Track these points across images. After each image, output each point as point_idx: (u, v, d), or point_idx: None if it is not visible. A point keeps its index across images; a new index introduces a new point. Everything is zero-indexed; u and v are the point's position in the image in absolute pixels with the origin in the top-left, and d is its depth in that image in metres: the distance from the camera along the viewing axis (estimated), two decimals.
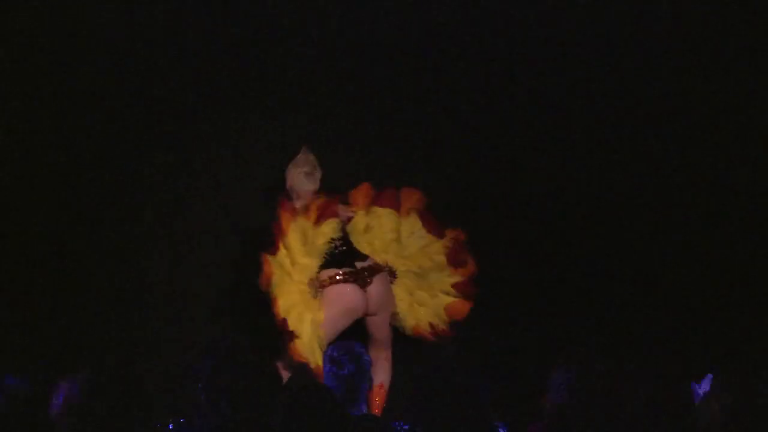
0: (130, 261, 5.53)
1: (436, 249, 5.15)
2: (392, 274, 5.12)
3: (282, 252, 4.93)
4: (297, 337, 4.75)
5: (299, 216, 5.00)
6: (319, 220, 4.97)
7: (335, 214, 5.03)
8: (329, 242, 4.95)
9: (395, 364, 5.13)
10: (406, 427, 3.96)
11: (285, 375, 4.76)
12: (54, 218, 5.43)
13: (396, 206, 5.20)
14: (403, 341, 5.17)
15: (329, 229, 4.97)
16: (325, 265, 4.94)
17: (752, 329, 5.52)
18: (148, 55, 5.59)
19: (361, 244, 5.10)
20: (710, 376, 4.89)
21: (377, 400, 4.93)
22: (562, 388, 3.45)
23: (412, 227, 5.21)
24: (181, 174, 5.65)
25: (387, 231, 5.16)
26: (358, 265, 4.97)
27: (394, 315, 5.07)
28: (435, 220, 5.19)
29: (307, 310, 4.86)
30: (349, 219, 5.13)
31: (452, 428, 3.25)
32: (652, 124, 5.81)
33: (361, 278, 4.93)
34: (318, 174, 5.19)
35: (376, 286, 4.96)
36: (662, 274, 5.72)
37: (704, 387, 4.75)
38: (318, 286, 4.93)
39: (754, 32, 5.72)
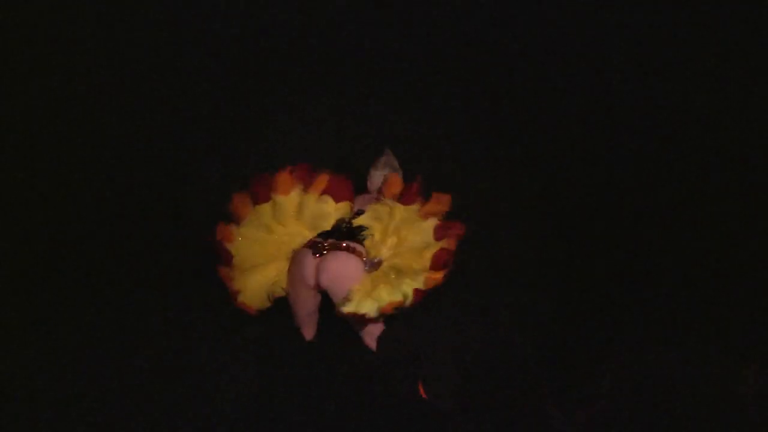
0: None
1: (432, 250, 5.05)
2: (377, 264, 5.01)
3: (267, 206, 4.98)
4: (228, 262, 4.87)
5: (305, 186, 5.03)
6: (323, 194, 5.00)
7: (348, 198, 5.05)
8: (332, 220, 4.98)
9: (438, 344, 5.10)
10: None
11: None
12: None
13: (415, 202, 5.13)
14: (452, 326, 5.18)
15: (333, 209, 5.00)
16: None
17: None
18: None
19: (373, 232, 5.07)
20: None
21: None
22: (615, 374, 3.45)
23: (424, 231, 5.10)
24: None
25: (389, 225, 5.10)
26: (328, 240, 4.96)
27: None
28: (451, 233, 5.06)
29: (277, 261, 4.93)
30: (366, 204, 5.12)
31: (506, 411, 3.24)
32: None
33: (317, 249, 4.91)
34: (399, 175, 5.20)
35: (328, 260, 4.88)
36: (717, 264, 5.69)
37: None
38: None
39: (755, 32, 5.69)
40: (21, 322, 5.26)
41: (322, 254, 4.84)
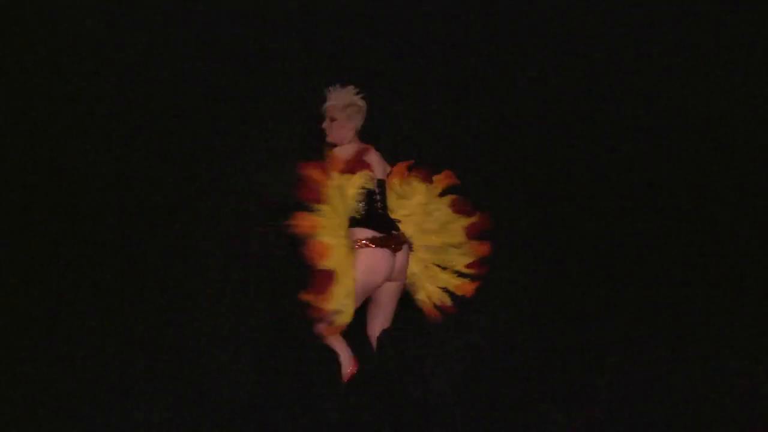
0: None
1: (458, 227, 5.14)
2: (410, 246, 5.09)
3: (323, 206, 4.92)
4: (328, 283, 4.62)
5: (333, 170, 4.99)
6: (352, 171, 4.96)
7: (367, 166, 5.02)
8: (363, 195, 4.94)
9: (439, 345, 5.14)
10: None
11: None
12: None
13: (429, 181, 5.17)
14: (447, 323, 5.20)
15: (361, 180, 4.96)
16: (362, 223, 4.92)
17: None
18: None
19: (393, 211, 5.10)
20: None
21: None
22: (614, 374, 3.46)
23: (440, 205, 5.18)
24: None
25: (415, 203, 5.14)
26: (394, 233, 4.96)
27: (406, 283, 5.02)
28: (466, 206, 5.15)
29: (345, 265, 4.84)
30: (387, 175, 5.10)
31: (506, 411, 3.24)
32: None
33: (393, 245, 4.93)
34: (362, 105, 5.19)
35: (402, 256, 4.95)
36: (717, 265, 5.69)
37: None
38: (353, 245, 4.90)
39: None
40: (21, 322, 5.26)
41: (396, 251, 4.93)
